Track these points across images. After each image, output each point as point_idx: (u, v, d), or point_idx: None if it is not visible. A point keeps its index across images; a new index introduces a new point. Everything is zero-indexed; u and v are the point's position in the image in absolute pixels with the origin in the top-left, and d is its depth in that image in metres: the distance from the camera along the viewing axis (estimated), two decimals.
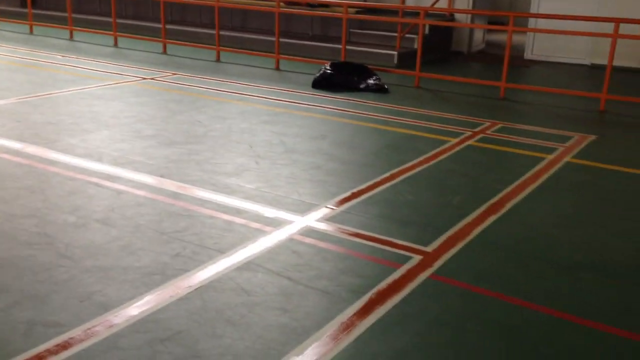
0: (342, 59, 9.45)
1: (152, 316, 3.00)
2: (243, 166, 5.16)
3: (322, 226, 4.06)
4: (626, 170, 5.42)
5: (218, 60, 10.43)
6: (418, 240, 3.88)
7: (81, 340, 2.79)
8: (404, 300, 3.20)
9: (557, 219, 4.34)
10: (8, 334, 2.83)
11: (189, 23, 13.03)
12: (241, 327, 2.94)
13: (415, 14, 10.85)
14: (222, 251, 3.67)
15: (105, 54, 10.73)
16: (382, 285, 3.34)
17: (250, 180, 4.83)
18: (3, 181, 4.68)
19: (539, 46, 11.56)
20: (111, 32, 11.80)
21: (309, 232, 3.97)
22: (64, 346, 2.75)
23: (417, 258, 3.65)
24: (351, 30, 11.10)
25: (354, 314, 3.06)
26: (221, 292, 3.22)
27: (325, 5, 10.90)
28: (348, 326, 2.96)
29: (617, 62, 9.58)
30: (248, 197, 4.50)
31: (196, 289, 3.25)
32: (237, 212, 4.24)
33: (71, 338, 2.80)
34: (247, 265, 3.51)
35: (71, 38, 12.21)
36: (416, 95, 8.32)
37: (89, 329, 2.87)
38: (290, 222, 4.09)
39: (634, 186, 5.06)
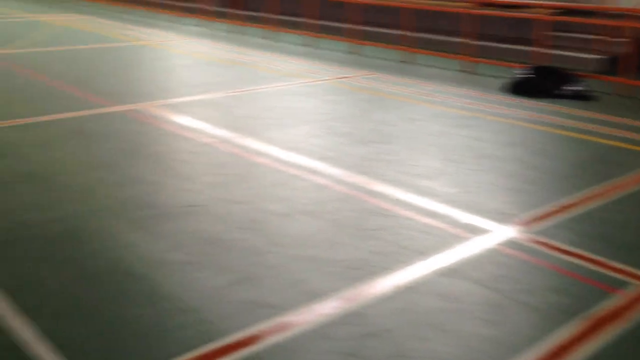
0: (536, 63, 8.97)
1: (357, 310, 3.06)
2: (437, 169, 5.10)
3: (526, 238, 3.87)
4: None
5: (407, 61, 10.45)
6: (637, 265, 3.55)
7: (294, 325, 2.92)
8: (625, 330, 2.94)
9: None
10: (231, 310, 3.06)
11: (379, 24, 13.20)
12: (447, 333, 2.89)
13: (620, 15, 9.97)
14: (423, 254, 3.65)
15: (300, 53, 11.26)
16: (598, 309, 3.09)
17: (446, 184, 4.76)
18: (214, 168, 5.10)
19: None
20: (306, 32, 12.35)
21: (512, 243, 3.80)
22: (281, 328, 2.90)
23: (636, 284, 3.34)
24: (546, 32, 10.50)
25: (570, 338, 2.87)
26: (425, 295, 3.20)
27: (519, 7, 10.43)
28: (564, 349, 2.78)
29: None
30: (444, 201, 4.44)
31: (399, 289, 3.26)
32: (434, 215, 4.19)
33: (285, 321, 2.95)
34: (450, 272, 3.45)
35: (268, 37, 12.99)
36: (626, 105, 7.64)
37: (300, 314, 3.01)
38: (489, 231, 3.96)
39: None
